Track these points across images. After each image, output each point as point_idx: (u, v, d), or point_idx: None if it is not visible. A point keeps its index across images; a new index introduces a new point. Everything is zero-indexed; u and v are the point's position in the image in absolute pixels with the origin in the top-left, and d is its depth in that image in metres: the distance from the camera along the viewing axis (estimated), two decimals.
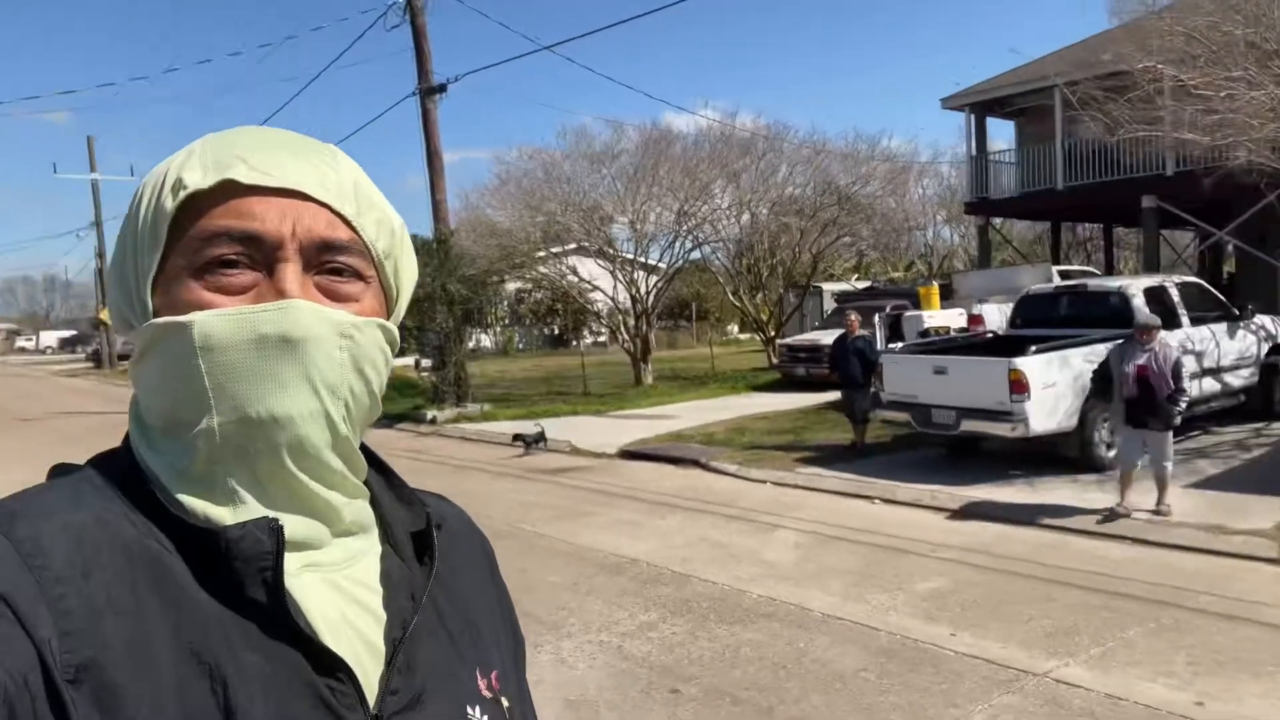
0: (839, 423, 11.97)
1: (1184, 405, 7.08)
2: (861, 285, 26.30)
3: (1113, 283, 10.57)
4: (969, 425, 8.89)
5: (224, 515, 0.65)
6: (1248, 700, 4.09)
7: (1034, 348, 8.64)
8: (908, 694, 4.33)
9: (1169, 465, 7.09)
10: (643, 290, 19.48)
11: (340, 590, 0.69)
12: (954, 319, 14.08)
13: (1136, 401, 7.02)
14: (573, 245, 20.80)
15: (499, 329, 33.89)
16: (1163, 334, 7.26)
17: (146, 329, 0.67)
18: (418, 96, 16.98)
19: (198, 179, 0.66)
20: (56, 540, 0.59)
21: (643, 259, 20.10)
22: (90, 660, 0.56)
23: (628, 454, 11.46)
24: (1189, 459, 8.98)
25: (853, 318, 11.00)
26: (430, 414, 15.51)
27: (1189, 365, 9.53)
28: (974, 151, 21.14)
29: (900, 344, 12.49)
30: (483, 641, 0.79)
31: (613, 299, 19.93)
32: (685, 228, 19.75)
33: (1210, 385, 9.80)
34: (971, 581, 5.96)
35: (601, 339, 32.05)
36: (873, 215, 24.35)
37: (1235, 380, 10.14)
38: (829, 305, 22.62)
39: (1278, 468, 8.40)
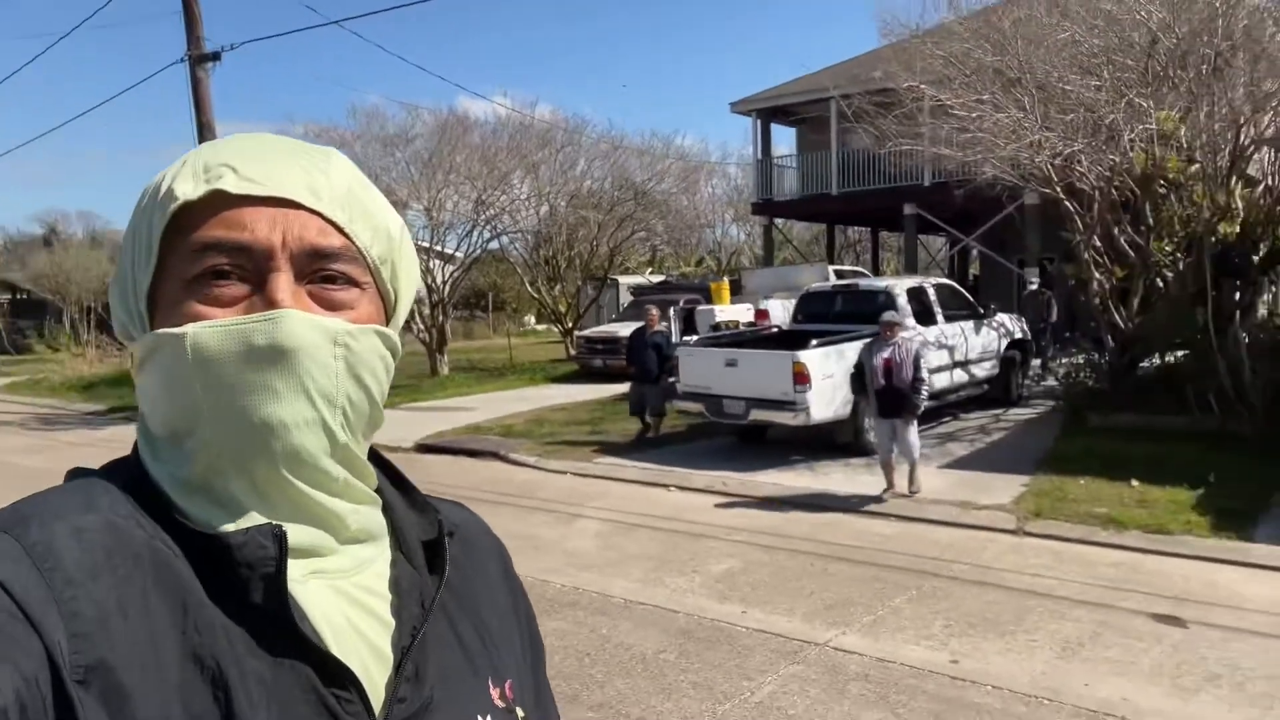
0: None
1: (925, 394, 7.66)
2: (656, 279, 27.08)
3: (880, 283, 11.55)
4: (757, 414, 9.42)
5: (226, 523, 0.65)
6: (992, 657, 4.64)
7: (814, 342, 9.28)
8: (705, 671, 4.55)
9: (916, 450, 7.63)
10: (439, 280, 19.04)
11: (347, 597, 0.69)
12: (743, 314, 14.83)
13: (885, 393, 7.57)
14: None
15: None
16: (904, 330, 7.87)
17: (143, 340, 0.67)
18: (187, 63, 15.62)
19: (188, 190, 0.66)
20: (68, 543, 0.59)
21: (439, 247, 19.63)
22: (98, 662, 0.56)
23: (424, 448, 11.19)
24: (941, 442, 10.00)
25: (653, 312, 11.26)
26: None
27: (942, 358, 10.63)
28: (759, 155, 22.34)
29: (694, 337, 13.00)
30: (497, 650, 0.78)
31: None
32: (483, 217, 19.50)
33: (960, 376, 10.95)
34: (760, 561, 6.34)
35: None
36: (667, 211, 25.13)
37: (980, 371, 11.39)
38: (625, 298, 23.10)
39: (1015, 449, 9.53)
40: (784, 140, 31.05)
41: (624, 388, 14.95)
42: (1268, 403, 8.86)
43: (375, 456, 0.76)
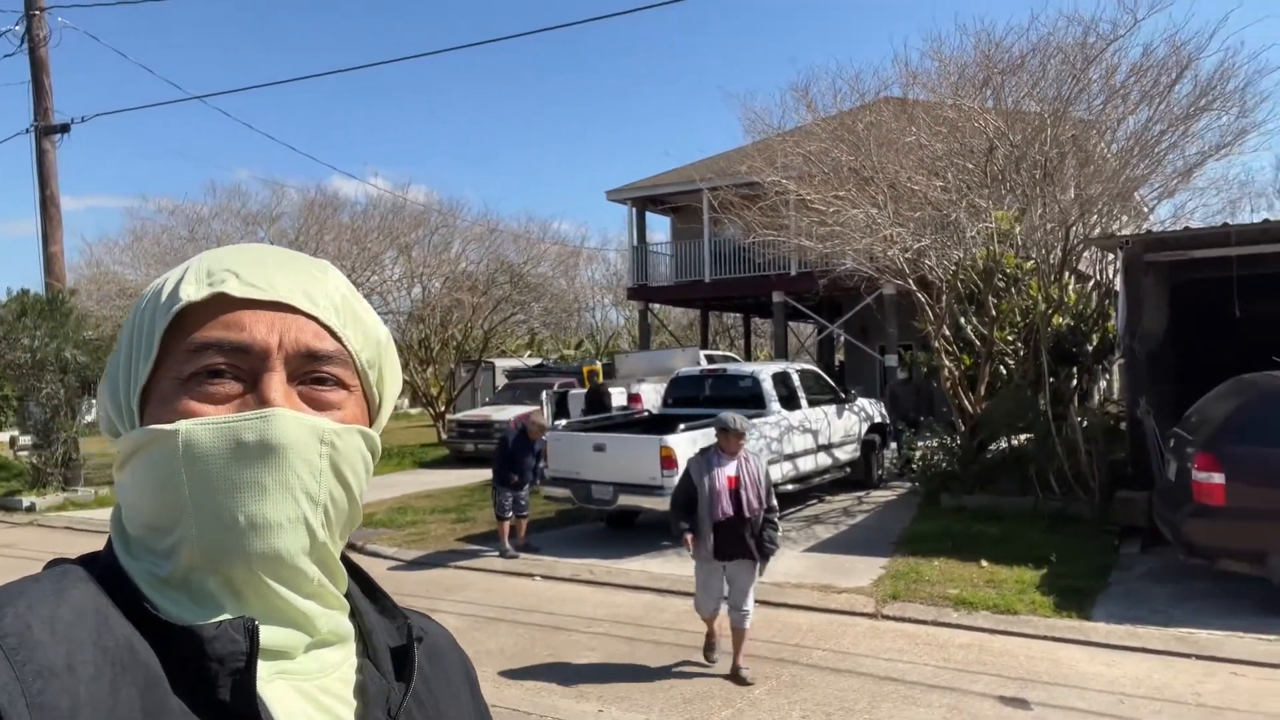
0: None
1: (780, 533, 5.95)
2: (533, 363, 26.94)
3: (748, 368, 11.80)
4: (625, 499, 9.31)
5: (199, 618, 0.65)
6: None
7: (682, 426, 9.32)
8: None
9: (751, 610, 5.61)
10: None
11: (312, 700, 0.69)
12: (616, 397, 14.82)
13: (729, 526, 5.49)
14: None
15: None
16: (746, 442, 5.80)
17: (133, 435, 0.68)
18: (33, 134, 14.82)
19: (192, 292, 0.68)
20: (40, 634, 0.59)
21: None
22: None
23: None
24: (807, 525, 10.13)
25: (542, 421, 9.89)
26: (27, 501, 13.13)
27: (807, 442, 10.87)
28: (635, 242, 22.82)
29: (564, 421, 12.87)
30: None
31: None
32: None
33: (824, 459, 11.20)
34: (621, 654, 6.15)
35: None
36: (544, 294, 25.19)
37: (842, 455, 11.69)
38: (501, 380, 22.83)
39: (874, 531, 9.74)
40: (659, 228, 31.89)
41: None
42: (1104, 484, 9.41)
43: (345, 561, 0.76)
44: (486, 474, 14.69)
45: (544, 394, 15.02)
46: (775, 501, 5.71)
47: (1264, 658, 5.59)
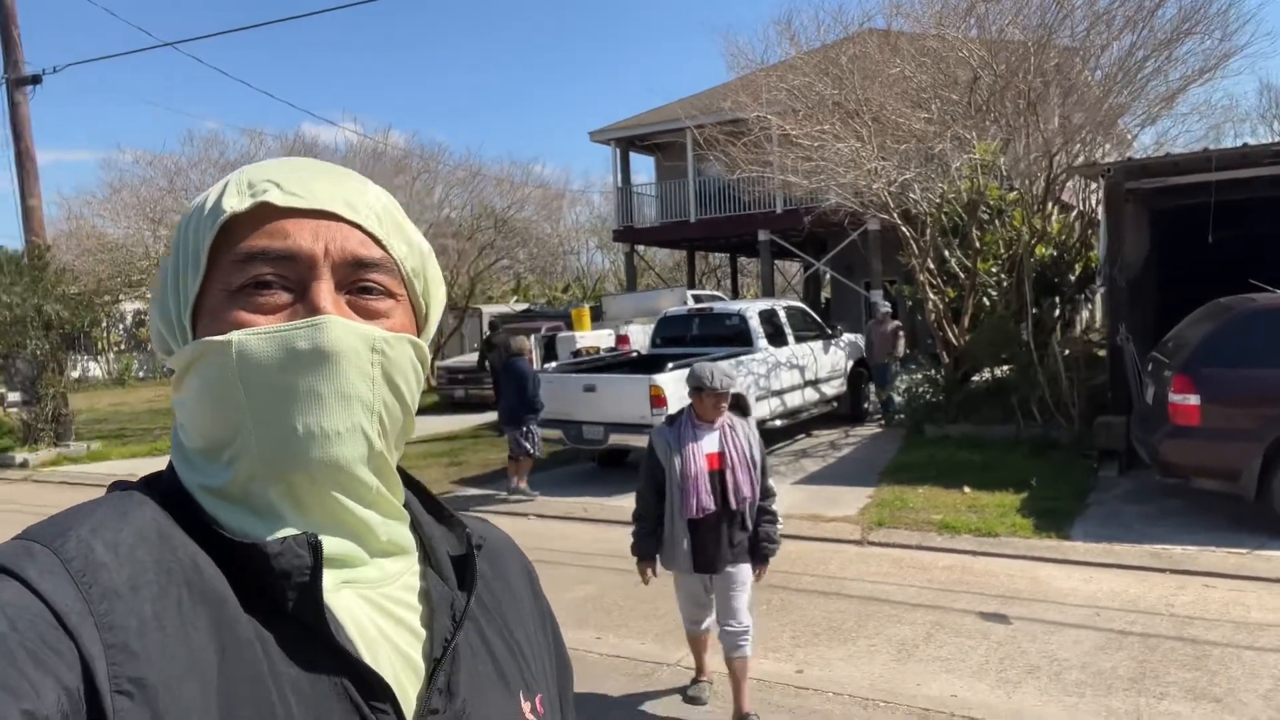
0: (495, 442, 12.09)
1: (780, 526, 4.36)
2: (520, 308, 26.91)
3: (734, 306, 11.87)
4: (616, 438, 9.43)
5: (262, 532, 0.66)
6: (835, 663, 4.78)
7: (671, 365, 9.41)
8: None
9: (750, 629, 4.06)
10: None
11: (378, 607, 0.69)
12: (604, 339, 14.89)
13: (710, 524, 4.00)
14: None
15: (113, 355, 29.71)
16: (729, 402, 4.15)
17: (187, 350, 0.68)
18: (4, 87, 14.51)
19: (234, 204, 0.68)
20: (104, 557, 0.60)
21: None
22: (135, 675, 0.57)
23: None
24: (796, 459, 10.32)
25: (524, 341, 9.90)
26: (20, 457, 13.20)
27: (795, 378, 11.00)
28: (619, 183, 22.65)
29: (554, 363, 12.94)
30: (527, 665, 0.79)
31: None
32: None
33: (811, 394, 11.35)
34: (615, 585, 6.32)
35: None
36: (529, 239, 25.06)
37: (829, 390, 11.85)
38: (488, 327, 22.85)
39: (861, 463, 9.93)
40: (644, 168, 31.62)
41: (486, 417, 14.75)
42: (1084, 410, 9.59)
43: (403, 474, 0.77)
44: (477, 419, 14.86)
45: (531, 338, 15.05)
46: (772, 483, 4.18)
47: (1234, 570, 5.81)
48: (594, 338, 14.69)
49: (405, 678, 0.68)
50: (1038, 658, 4.69)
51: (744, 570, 4.08)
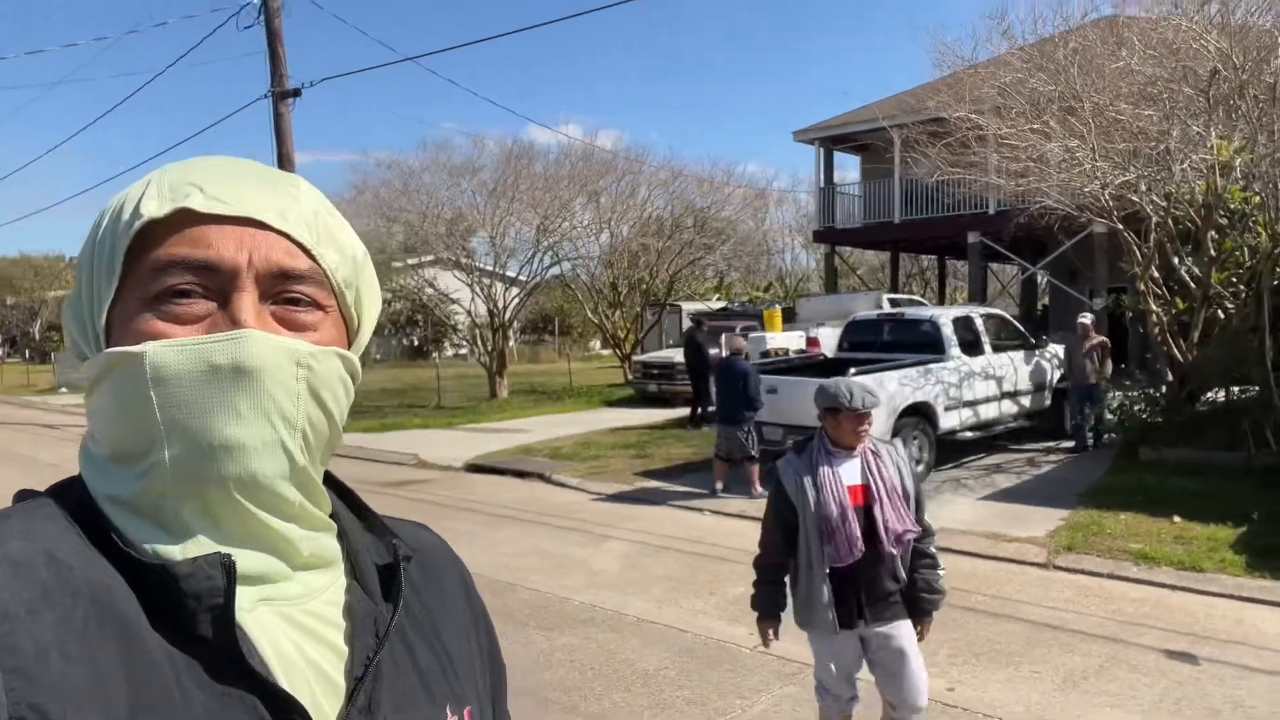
0: (682, 438, 12.45)
1: (943, 572, 3.52)
2: (719, 305, 27.23)
3: (926, 312, 11.48)
4: (794, 441, 9.44)
5: (174, 551, 0.63)
6: (991, 686, 4.64)
7: (853, 370, 9.30)
8: (702, 688, 4.67)
9: (925, 710, 3.44)
10: (501, 304, 19.58)
11: (298, 625, 0.67)
12: (794, 341, 14.85)
13: (856, 571, 3.28)
14: (430, 257, 20.67)
15: None
16: (872, 426, 3.51)
17: (98, 359, 0.65)
18: (270, 99, 16.55)
19: (153, 208, 0.65)
20: (3, 577, 0.57)
21: (501, 271, 20.22)
22: (34, 701, 0.54)
23: (473, 467, 11.54)
24: (987, 473, 9.88)
25: (739, 340, 10.13)
26: None
27: (990, 389, 10.49)
28: (822, 183, 22.35)
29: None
30: (457, 677, 0.76)
31: (469, 312, 19.93)
32: (545, 243, 20.01)
33: (1008, 407, 10.78)
34: None
35: (463, 351, 31.80)
36: (729, 237, 25.30)
37: (1029, 403, 11.19)
38: (688, 324, 23.34)
39: (1060, 482, 9.34)
40: (850, 167, 30.95)
41: (677, 412, 15.14)
42: None
43: (332, 481, 0.76)
44: (668, 413, 15.27)
45: (723, 336, 15.26)
46: (928, 520, 3.45)
47: None
48: (784, 339, 14.69)
49: (325, 698, 0.66)
50: (1221, 702, 4.32)
51: (903, 629, 3.33)
